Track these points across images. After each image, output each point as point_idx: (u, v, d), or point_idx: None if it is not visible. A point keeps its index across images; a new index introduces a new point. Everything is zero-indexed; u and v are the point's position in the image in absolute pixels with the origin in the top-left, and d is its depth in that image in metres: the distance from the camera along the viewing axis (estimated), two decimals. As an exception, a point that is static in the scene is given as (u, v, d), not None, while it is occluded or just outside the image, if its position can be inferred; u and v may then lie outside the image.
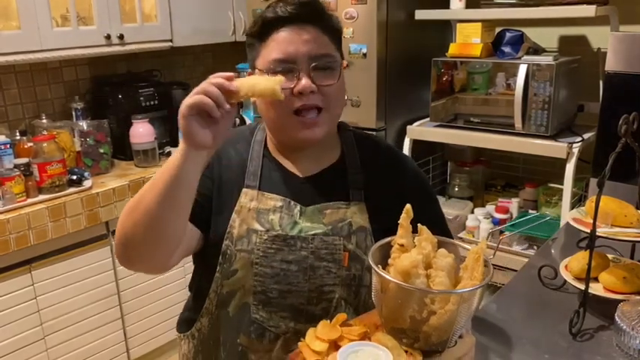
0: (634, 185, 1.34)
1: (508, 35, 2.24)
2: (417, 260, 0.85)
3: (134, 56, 2.87)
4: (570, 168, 2.06)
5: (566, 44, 2.45)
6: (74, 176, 2.27)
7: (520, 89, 2.11)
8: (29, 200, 2.11)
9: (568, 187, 2.08)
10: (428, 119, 2.46)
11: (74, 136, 2.47)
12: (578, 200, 2.25)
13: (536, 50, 2.28)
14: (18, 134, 2.34)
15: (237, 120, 2.83)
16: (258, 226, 1.08)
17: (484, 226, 2.35)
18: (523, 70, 2.10)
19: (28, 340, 2.16)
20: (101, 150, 2.49)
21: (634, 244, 1.35)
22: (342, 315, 0.94)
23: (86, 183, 2.29)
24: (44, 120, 2.50)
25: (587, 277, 1.13)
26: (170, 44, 2.73)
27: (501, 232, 2.29)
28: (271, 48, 1.04)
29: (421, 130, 2.44)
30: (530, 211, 2.42)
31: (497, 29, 2.32)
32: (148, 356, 2.61)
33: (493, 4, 2.27)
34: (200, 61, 3.29)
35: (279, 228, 1.08)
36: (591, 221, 1.11)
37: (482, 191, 2.68)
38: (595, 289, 1.19)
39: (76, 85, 2.76)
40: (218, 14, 2.89)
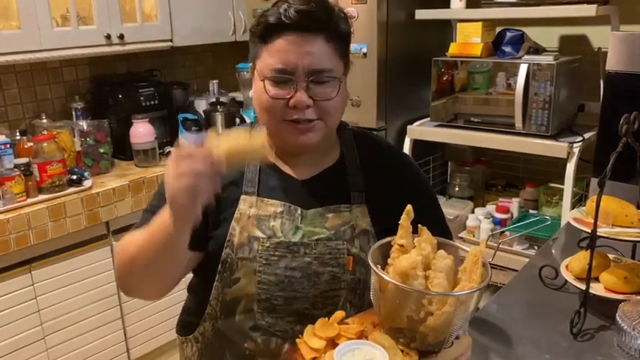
0: (635, 185, 1.34)
1: (508, 35, 2.24)
2: (416, 262, 0.85)
3: (134, 56, 2.87)
4: (571, 168, 2.06)
5: (567, 44, 2.45)
6: (74, 176, 2.27)
7: (520, 89, 2.11)
8: (29, 200, 2.11)
9: (569, 186, 2.08)
10: (428, 119, 2.46)
11: (74, 136, 2.47)
12: (578, 200, 2.24)
13: (537, 50, 2.28)
14: (18, 134, 2.34)
15: (238, 120, 2.83)
16: (259, 233, 1.06)
17: (484, 226, 2.35)
18: (523, 70, 2.10)
19: (28, 340, 2.16)
20: (101, 150, 2.49)
21: (635, 243, 1.35)
22: (340, 313, 0.94)
23: (86, 183, 2.29)
24: (44, 120, 2.50)
25: (588, 277, 1.13)
26: (170, 44, 2.72)
27: (502, 233, 2.29)
28: (271, 54, 1.01)
29: (421, 130, 2.44)
30: (531, 211, 2.42)
31: (498, 29, 2.32)
32: (148, 356, 2.60)
33: (493, 3, 2.27)
34: (200, 61, 3.29)
35: (281, 234, 1.06)
36: (592, 221, 1.11)
37: (482, 191, 2.68)
38: (596, 289, 1.19)
39: (76, 85, 2.76)
40: (218, 14, 2.88)
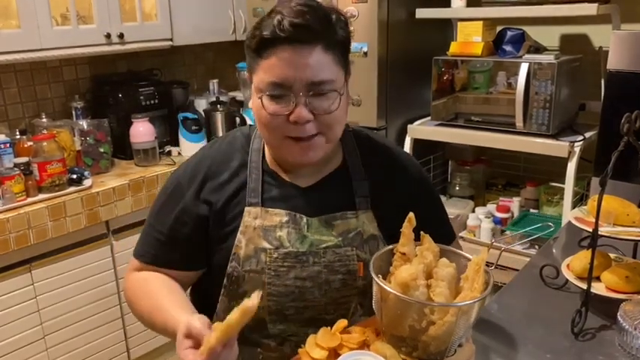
0: (636, 184, 1.34)
1: (509, 34, 2.23)
2: (416, 272, 0.85)
3: (134, 55, 2.86)
4: (572, 167, 2.06)
5: (568, 43, 2.44)
6: (74, 175, 2.26)
7: (521, 88, 2.10)
8: (29, 199, 2.11)
9: (569, 186, 2.08)
10: (429, 118, 2.45)
11: (74, 136, 2.47)
12: (579, 199, 2.24)
13: (538, 49, 2.28)
14: (18, 133, 2.33)
15: (238, 119, 2.82)
16: (266, 245, 1.04)
17: (485, 226, 2.34)
18: (524, 69, 2.09)
19: (27, 340, 2.15)
20: (101, 149, 2.49)
21: (636, 243, 1.35)
22: (342, 322, 0.94)
23: (86, 182, 2.28)
24: (44, 119, 2.50)
25: (589, 277, 1.13)
26: (170, 43, 2.72)
27: (502, 232, 2.28)
28: (267, 69, 0.96)
29: (422, 129, 2.44)
30: (532, 211, 2.41)
31: (499, 28, 2.31)
32: (148, 356, 2.60)
33: (494, 2, 2.26)
34: (200, 60, 3.28)
35: (288, 244, 1.04)
36: (593, 220, 1.11)
37: (483, 190, 2.68)
38: (597, 288, 1.19)
39: (76, 84, 2.75)
40: (218, 13, 2.88)
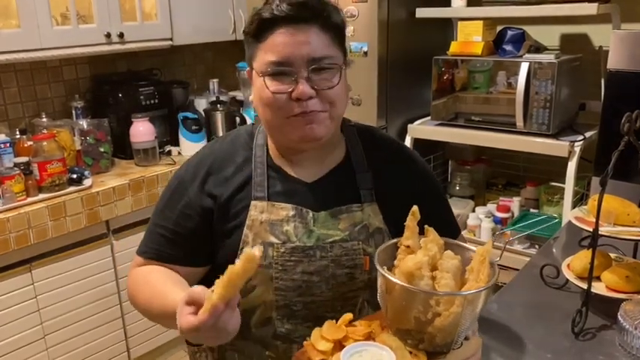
0: (636, 184, 1.34)
1: (509, 33, 2.23)
2: (421, 262, 0.85)
3: (134, 55, 2.86)
4: (572, 166, 2.06)
5: (568, 42, 2.44)
6: (74, 175, 2.26)
7: (521, 88, 2.10)
8: (29, 199, 2.11)
9: (570, 185, 2.07)
10: (429, 118, 2.45)
11: (74, 135, 2.47)
12: (579, 199, 2.24)
13: (538, 48, 2.28)
14: (18, 133, 2.33)
15: (238, 119, 2.82)
16: (273, 239, 1.05)
17: (485, 225, 2.34)
18: (524, 69, 2.09)
19: (28, 340, 2.15)
20: (101, 149, 2.49)
21: (636, 242, 1.35)
22: (347, 315, 0.94)
23: (86, 182, 2.28)
24: (44, 119, 2.50)
25: (590, 276, 1.13)
26: (170, 43, 2.72)
27: (502, 232, 2.28)
28: (267, 49, 0.99)
29: (422, 129, 2.44)
30: (532, 210, 2.41)
31: (499, 27, 2.31)
32: (148, 355, 2.60)
33: (494, 2, 2.26)
34: (200, 60, 3.28)
35: (295, 239, 1.05)
36: (593, 220, 1.11)
37: (483, 190, 2.68)
38: (597, 288, 1.19)
39: (76, 84, 2.75)
40: (218, 13, 2.88)
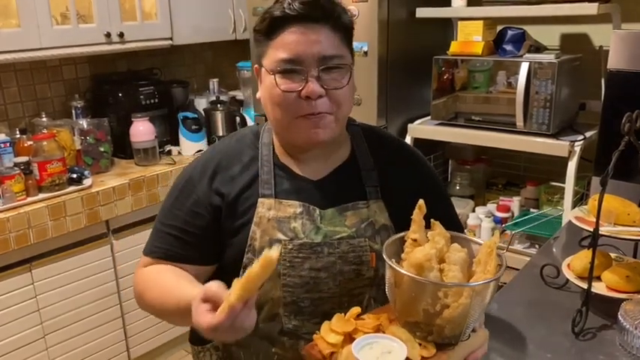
0: (637, 184, 1.34)
1: (509, 33, 2.23)
2: (431, 254, 0.85)
3: (134, 54, 2.86)
4: (572, 166, 2.05)
5: (568, 42, 2.44)
6: (74, 175, 2.26)
7: (522, 87, 2.10)
8: (29, 199, 2.11)
9: (570, 185, 2.07)
10: (429, 117, 2.45)
11: (74, 135, 2.47)
12: (579, 199, 2.24)
13: (538, 48, 2.27)
14: (18, 133, 2.33)
15: (238, 119, 2.82)
16: (281, 236, 1.05)
17: (485, 225, 2.34)
18: (525, 69, 2.09)
19: (28, 339, 2.15)
20: (101, 148, 2.49)
21: (637, 242, 1.35)
22: (356, 309, 0.94)
23: (86, 182, 2.28)
24: (44, 118, 2.50)
25: (590, 276, 1.13)
26: (170, 42, 2.72)
27: (504, 231, 2.28)
28: (279, 47, 1.00)
29: (422, 129, 2.43)
30: (532, 210, 2.41)
31: (499, 27, 2.31)
32: (148, 355, 2.60)
33: (495, 1, 2.26)
34: (200, 60, 3.28)
35: (303, 235, 1.05)
36: (594, 220, 1.11)
37: (483, 190, 2.67)
38: (598, 288, 1.19)
39: (76, 84, 2.75)
40: (218, 12, 2.88)
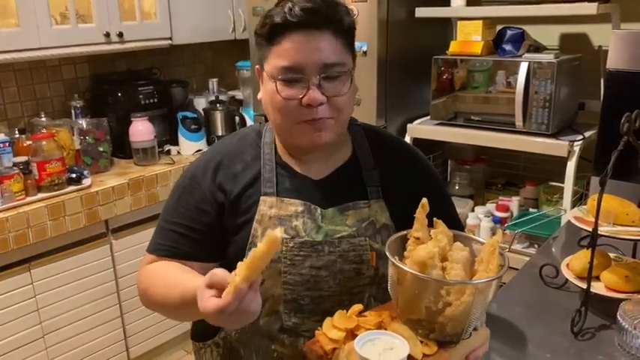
0: (636, 184, 1.34)
1: (509, 33, 2.23)
2: (433, 251, 0.86)
3: (133, 54, 2.86)
4: (571, 166, 2.05)
5: (568, 42, 2.44)
6: (73, 175, 2.26)
7: (521, 87, 2.10)
8: (28, 199, 2.11)
9: (569, 185, 2.07)
10: (428, 117, 2.45)
11: (73, 135, 2.47)
12: (579, 199, 2.24)
13: (537, 48, 2.27)
14: (17, 132, 2.33)
15: (237, 118, 2.82)
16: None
17: (484, 225, 2.34)
18: (524, 68, 2.09)
19: (27, 339, 2.15)
20: (100, 148, 2.49)
21: (636, 242, 1.35)
22: (358, 306, 0.95)
23: (85, 181, 2.28)
24: (43, 118, 2.50)
25: (589, 276, 1.13)
26: (170, 42, 2.72)
27: (504, 231, 2.28)
28: (279, 54, 0.99)
29: (422, 129, 2.43)
30: (532, 210, 2.41)
31: (498, 27, 2.31)
32: (147, 355, 2.60)
33: (494, 1, 2.26)
34: (200, 59, 3.28)
35: (304, 234, 1.06)
36: (593, 220, 1.11)
37: (482, 189, 2.67)
38: (597, 287, 1.19)
39: (76, 84, 2.75)
40: (218, 12, 2.88)
